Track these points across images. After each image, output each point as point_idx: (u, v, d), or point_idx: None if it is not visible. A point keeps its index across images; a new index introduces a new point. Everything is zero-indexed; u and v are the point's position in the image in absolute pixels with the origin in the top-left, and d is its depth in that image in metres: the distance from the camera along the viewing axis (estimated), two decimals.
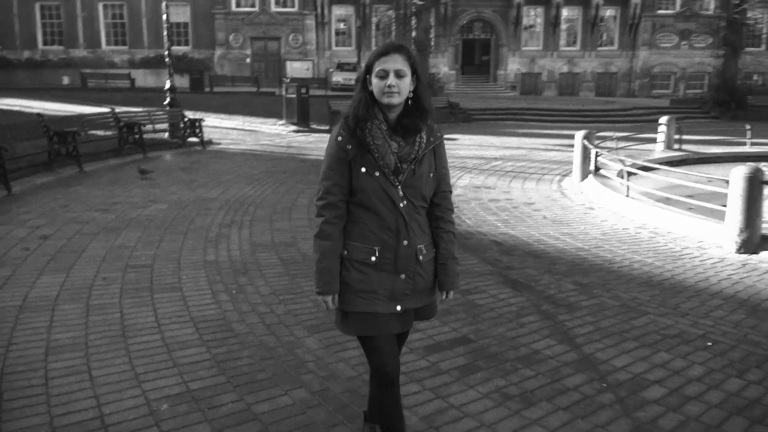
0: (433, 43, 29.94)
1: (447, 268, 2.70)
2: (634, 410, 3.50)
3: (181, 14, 38.41)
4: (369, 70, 2.50)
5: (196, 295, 5.33)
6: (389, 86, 2.45)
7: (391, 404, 2.74)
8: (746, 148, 15.04)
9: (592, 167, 10.72)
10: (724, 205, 7.11)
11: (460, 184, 10.99)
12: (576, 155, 11.11)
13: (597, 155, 10.62)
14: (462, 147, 16.48)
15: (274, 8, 39.46)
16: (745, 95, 28.37)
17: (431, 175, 2.59)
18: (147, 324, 4.68)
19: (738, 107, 26.93)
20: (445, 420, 3.38)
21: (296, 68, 38.52)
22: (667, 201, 8.69)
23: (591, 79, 40.89)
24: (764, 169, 7.20)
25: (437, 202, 2.67)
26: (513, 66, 40.80)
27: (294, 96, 21.26)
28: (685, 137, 15.88)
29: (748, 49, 31.20)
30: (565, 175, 11.89)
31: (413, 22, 30.66)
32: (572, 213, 8.83)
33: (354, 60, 37.12)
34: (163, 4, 18.40)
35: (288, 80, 25.10)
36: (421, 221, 2.61)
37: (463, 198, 9.71)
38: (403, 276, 2.57)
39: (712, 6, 37.79)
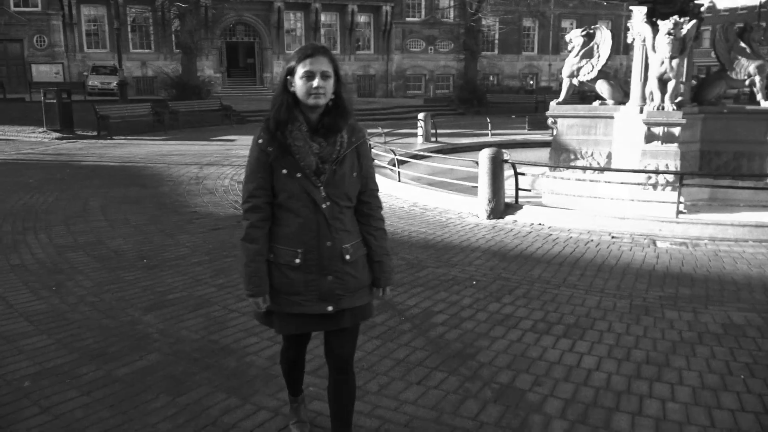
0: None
1: (382, 265, 2.72)
2: (427, 331, 4.59)
3: None
4: (291, 72, 2.53)
5: (14, 294, 5.37)
6: (316, 88, 2.47)
7: (298, 368, 3.10)
8: (488, 138, 17.67)
9: None
10: (476, 185, 8.73)
11: None
12: None
13: (370, 147, 11.95)
14: (242, 147, 17.00)
15: (13, 8, 35.88)
16: (485, 93, 32.61)
17: (354, 174, 2.61)
18: None
19: (479, 104, 30.89)
20: None
21: (43, 72, 35.29)
22: (432, 183, 10.24)
23: (353, 81, 43.47)
24: (503, 153, 8.96)
25: (366, 200, 2.69)
26: (278, 69, 41.80)
27: (54, 101, 19.94)
28: (439, 131, 18.13)
29: (484, 53, 35.73)
30: None
31: (175, 25, 30.13)
32: None
33: (111, 62, 35.10)
34: None
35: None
36: (345, 221, 2.61)
37: None
38: (330, 277, 2.57)
39: (452, 15, 42.50)
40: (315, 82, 2.47)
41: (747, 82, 9.94)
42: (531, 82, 46.28)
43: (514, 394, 3.63)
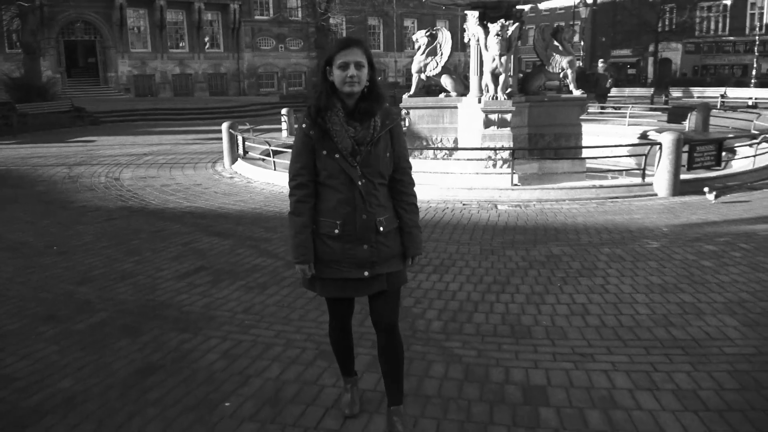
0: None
1: (412, 236, 2.98)
2: None
3: None
4: (329, 62, 2.81)
5: None
6: (350, 76, 2.74)
7: (345, 342, 3.29)
8: None
9: (240, 151, 12.84)
10: None
11: (125, 176, 12.00)
12: (225, 143, 13.08)
13: (244, 141, 12.77)
14: (105, 148, 17.00)
15: None
16: None
17: (387, 154, 2.87)
18: None
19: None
20: (217, 304, 5.09)
21: None
22: None
23: (203, 79, 43.19)
24: None
25: (399, 178, 2.96)
26: (124, 68, 40.59)
27: None
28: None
29: None
30: (215, 162, 13.77)
31: (15, 24, 28.57)
32: (236, 188, 10.81)
33: None
34: None
35: None
36: (380, 196, 2.88)
37: (137, 186, 10.89)
38: (365, 246, 2.85)
39: (300, 14, 43.47)
40: (349, 72, 2.75)
41: (561, 75, 11.94)
42: (379, 78, 48.50)
43: (402, 311, 4.85)
